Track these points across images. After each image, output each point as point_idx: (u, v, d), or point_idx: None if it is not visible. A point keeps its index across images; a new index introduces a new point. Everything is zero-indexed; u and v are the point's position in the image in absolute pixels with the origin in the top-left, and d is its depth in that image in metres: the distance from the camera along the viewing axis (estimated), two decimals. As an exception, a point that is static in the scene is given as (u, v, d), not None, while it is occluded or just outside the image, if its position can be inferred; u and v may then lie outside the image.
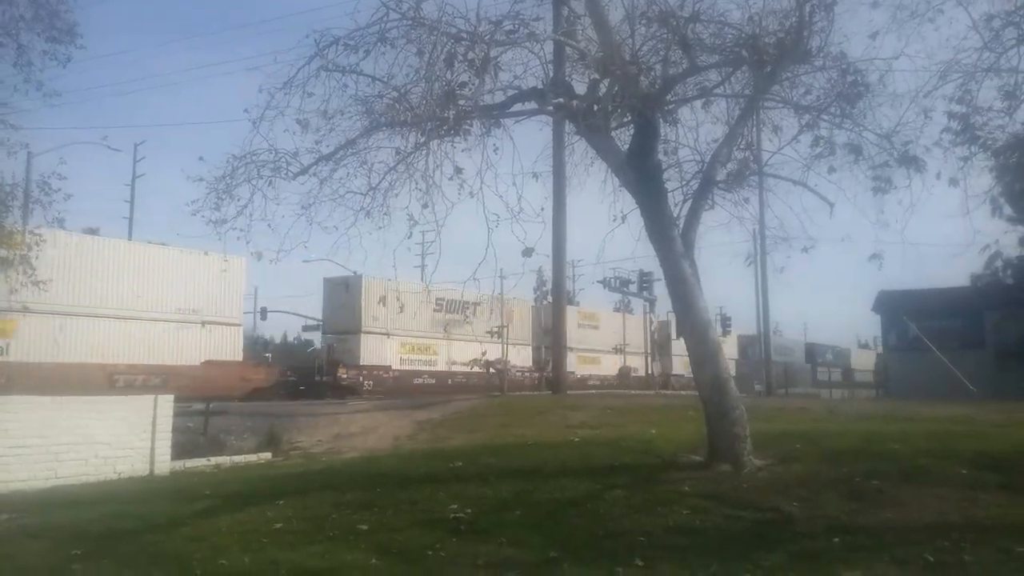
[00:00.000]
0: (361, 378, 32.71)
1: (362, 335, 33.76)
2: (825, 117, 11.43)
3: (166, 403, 13.30)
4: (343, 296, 33.97)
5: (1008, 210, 34.98)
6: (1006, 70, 11.21)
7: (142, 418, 12.88)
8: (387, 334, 34.98)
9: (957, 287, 40.29)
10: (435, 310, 36.68)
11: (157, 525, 8.35)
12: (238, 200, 9.88)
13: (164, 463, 12.99)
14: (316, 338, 40.13)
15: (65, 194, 20.53)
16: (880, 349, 49.00)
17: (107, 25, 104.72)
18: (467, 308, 37.00)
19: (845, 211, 11.68)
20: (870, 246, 11.28)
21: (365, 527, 7.83)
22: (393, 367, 34.79)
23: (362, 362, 33.35)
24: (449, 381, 35.84)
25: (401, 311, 31.45)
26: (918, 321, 37.64)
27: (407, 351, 36.10)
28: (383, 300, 31.93)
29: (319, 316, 37.24)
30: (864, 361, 75.97)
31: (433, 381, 35.83)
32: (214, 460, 14.01)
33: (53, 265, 24.01)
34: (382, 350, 34.74)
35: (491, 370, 35.18)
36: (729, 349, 69.61)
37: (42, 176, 20.81)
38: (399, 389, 32.59)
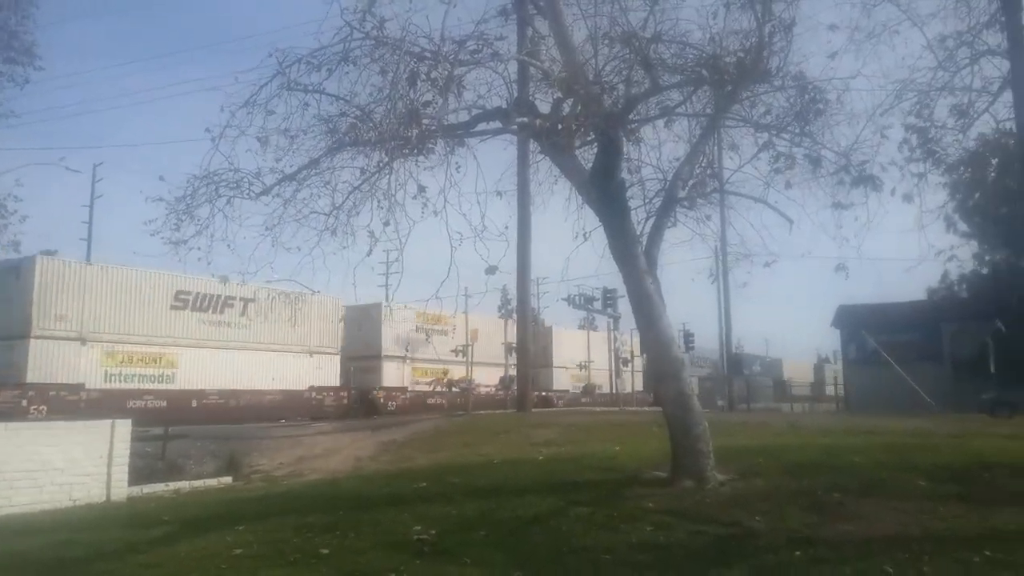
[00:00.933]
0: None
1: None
2: (784, 135, 11.62)
3: (123, 428, 13.04)
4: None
5: (962, 225, 35.73)
6: (959, 89, 11.52)
7: (99, 444, 12.61)
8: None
9: (914, 301, 41.10)
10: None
11: (111, 552, 8.15)
12: (198, 220, 9.76)
13: (121, 489, 12.72)
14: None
15: (21, 216, 20.16)
16: (838, 362, 49.60)
17: (66, 46, 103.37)
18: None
19: (805, 227, 11.87)
20: (830, 261, 11.47)
21: (327, 551, 7.71)
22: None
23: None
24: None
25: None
26: (877, 335, 38.20)
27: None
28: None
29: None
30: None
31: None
32: (173, 485, 13.76)
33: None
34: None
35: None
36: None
37: (-3, 198, 20.39)
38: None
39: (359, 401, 33.88)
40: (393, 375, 37.72)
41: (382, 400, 34.74)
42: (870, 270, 16.75)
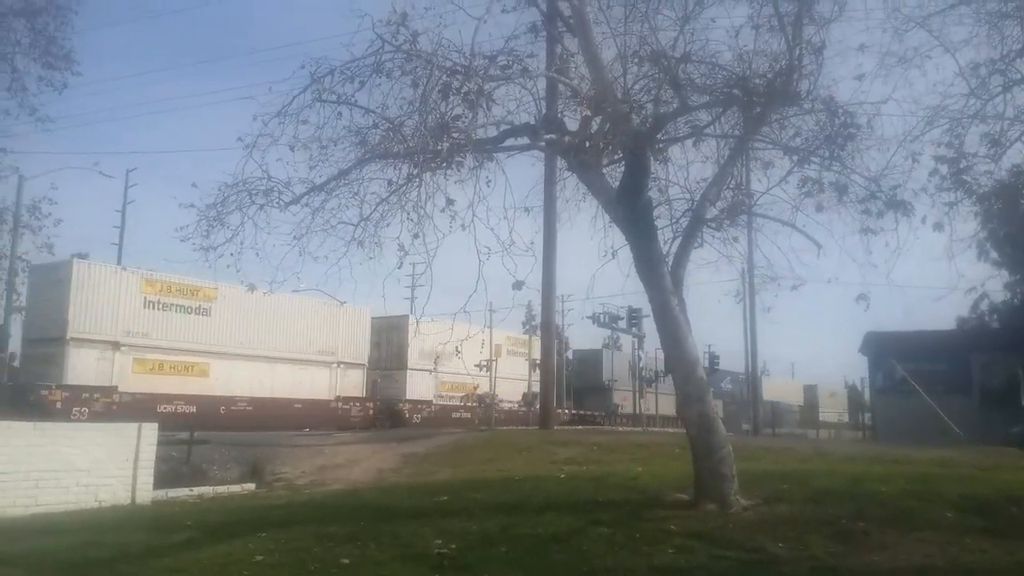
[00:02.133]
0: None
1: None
2: (814, 159, 11.55)
3: (150, 431, 13.16)
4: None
5: (993, 255, 35.30)
6: (992, 117, 11.40)
7: (125, 447, 12.74)
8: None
9: (944, 330, 40.54)
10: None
11: (135, 555, 8.23)
12: (228, 227, 9.88)
13: (146, 492, 12.83)
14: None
15: (55, 219, 20.49)
16: (863, 387, 48.99)
17: (102, 52, 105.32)
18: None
19: (833, 253, 11.76)
20: (857, 288, 11.33)
21: (347, 561, 7.73)
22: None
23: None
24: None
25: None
26: (904, 363, 37.68)
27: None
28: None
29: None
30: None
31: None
32: (197, 490, 13.86)
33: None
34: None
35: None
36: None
37: (33, 201, 20.77)
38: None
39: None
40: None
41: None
42: (899, 297, 16.56)
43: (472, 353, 36.81)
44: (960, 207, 11.78)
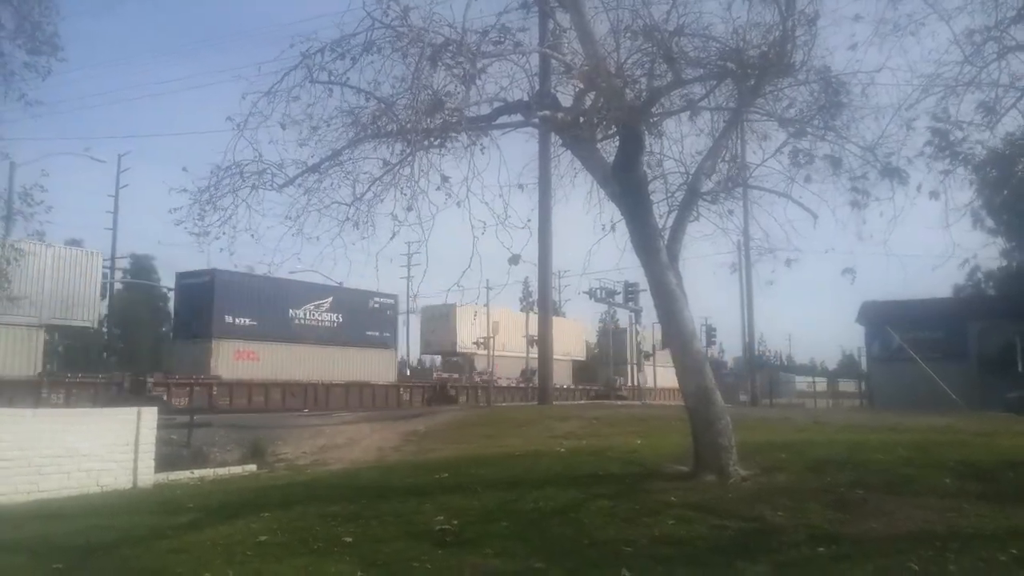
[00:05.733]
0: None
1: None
2: (808, 130, 11.52)
3: (150, 415, 13.19)
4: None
5: (989, 222, 35.33)
6: (986, 84, 11.35)
7: (125, 431, 12.77)
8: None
9: (940, 298, 40.65)
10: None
11: (139, 538, 8.27)
12: (221, 210, 9.85)
13: (148, 476, 12.88)
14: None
15: (47, 206, 20.34)
16: (863, 357, 49.11)
17: (92, 36, 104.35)
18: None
19: (830, 223, 11.78)
20: (854, 257, 11.38)
21: (350, 539, 7.78)
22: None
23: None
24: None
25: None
26: (901, 332, 37.83)
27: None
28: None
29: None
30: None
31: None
32: (198, 473, 13.91)
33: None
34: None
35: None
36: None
37: (24, 187, 20.61)
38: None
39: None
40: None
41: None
42: (895, 266, 16.60)
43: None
44: (955, 175, 11.78)
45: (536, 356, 35.37)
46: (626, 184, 10.52)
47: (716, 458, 9.87)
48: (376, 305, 40.01)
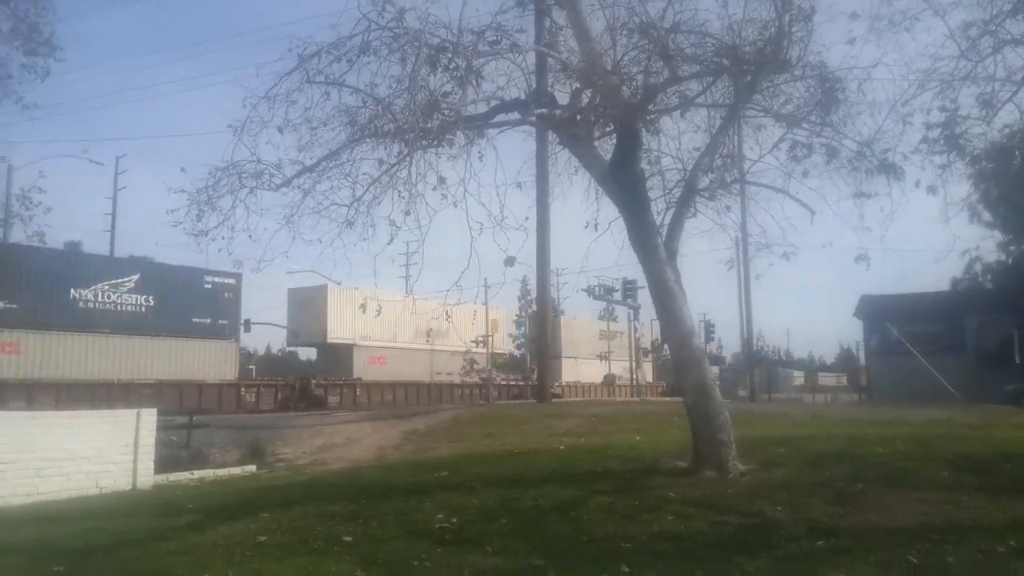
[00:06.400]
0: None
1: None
2: (805, 125, 11.53)
3: (149, 417, 13.19)
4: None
5: (986, 216, 35.38)
6: (983, 78, 11.36)
7: (124, 432, 12.77)
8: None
9: (938, 292, 40.77)
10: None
11: (139, 540, 8.27)
12: (219, 211, 9.86)
13: (147, 477, 12.88)
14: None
15: (45, 208, 20.26)
16: (862, 351, 49.21)
17: (90, 38, 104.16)
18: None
19: (826, 219, 11.79)
20: (851, 252, 11.38)
21: (350, 539, 7.79)
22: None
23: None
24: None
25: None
26: (900, 326, 37.91)
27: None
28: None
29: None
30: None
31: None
32: (197, 474, 13.91)
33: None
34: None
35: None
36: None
37: (22, 190, 20.55)
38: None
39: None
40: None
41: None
42: (893, 261, 16.65)
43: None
44: (952, 169, 11.80)
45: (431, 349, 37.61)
46: (624, 181, 10.53)
47: (715, 454, 9.89)
48: (209, 286, 32.68)
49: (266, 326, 65.48)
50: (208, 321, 32.55)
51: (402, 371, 38.49)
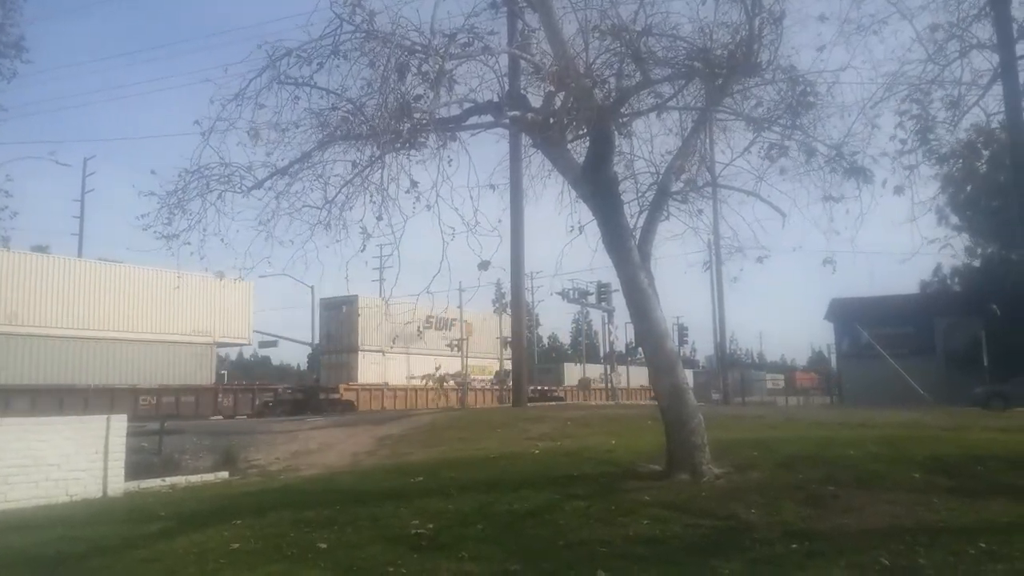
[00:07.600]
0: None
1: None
2: (775, 128, 11.62)
3: (119, 423, 13.01)
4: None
5: (954, 219, 35.81)
6: (950, 82, 11.54)
7: (94, 439, 12.58)
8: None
9: (907, 294, 41.26)
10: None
11: (110, 548, 8.14)
12: (189, 214, 9.74)
13: (118, 484, 12.70)
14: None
15: (12, 211, 20.01)
16: (833, 354, 49.71)
17: (57, 40, 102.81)
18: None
19: (797, 222, 11.89)
20: (822, 255, 11.48)
21: (324, 545, 7.72)
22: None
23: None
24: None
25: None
26: (870, 328, 38.34)
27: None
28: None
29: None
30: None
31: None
32: (169, 480, 13.74)
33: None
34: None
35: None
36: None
37: (-16, 192, 20.20)
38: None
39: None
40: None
41: None
42: (863, 264, 16.85)
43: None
44: (919, 171, 11.96)
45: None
46: (597, 184, 10.55)
47: (689, 457, 9.92)
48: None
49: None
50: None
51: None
